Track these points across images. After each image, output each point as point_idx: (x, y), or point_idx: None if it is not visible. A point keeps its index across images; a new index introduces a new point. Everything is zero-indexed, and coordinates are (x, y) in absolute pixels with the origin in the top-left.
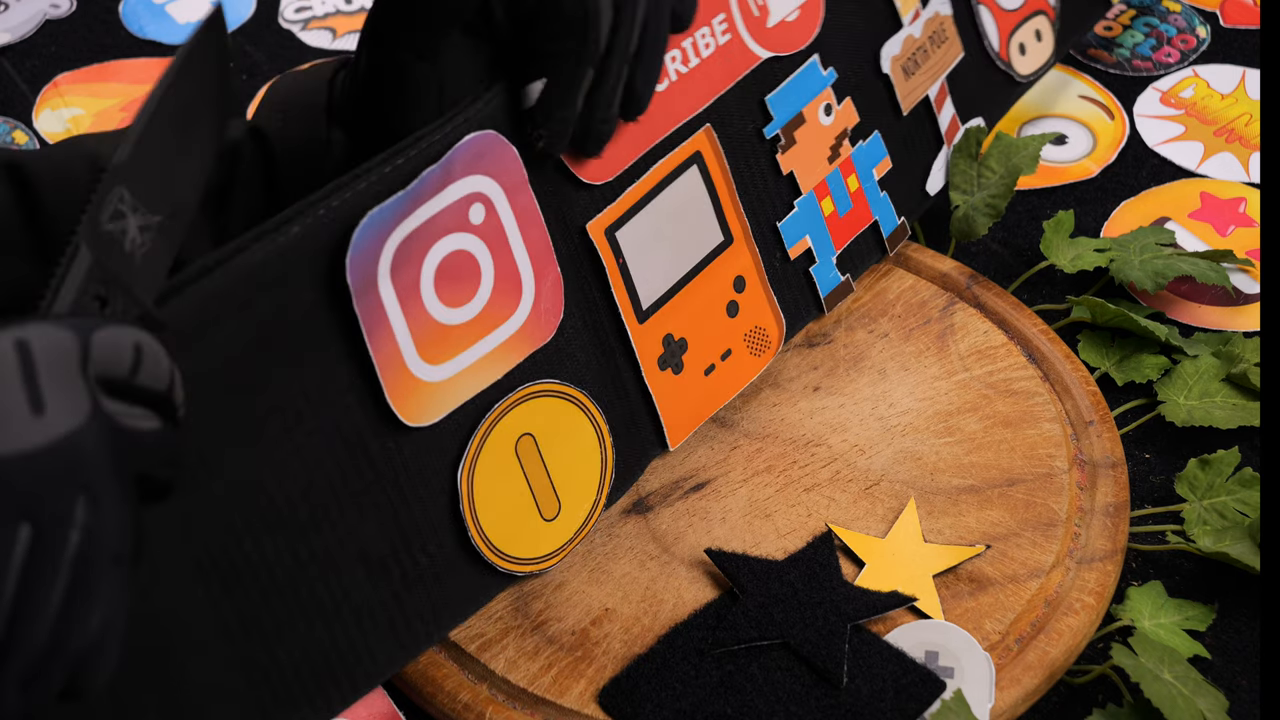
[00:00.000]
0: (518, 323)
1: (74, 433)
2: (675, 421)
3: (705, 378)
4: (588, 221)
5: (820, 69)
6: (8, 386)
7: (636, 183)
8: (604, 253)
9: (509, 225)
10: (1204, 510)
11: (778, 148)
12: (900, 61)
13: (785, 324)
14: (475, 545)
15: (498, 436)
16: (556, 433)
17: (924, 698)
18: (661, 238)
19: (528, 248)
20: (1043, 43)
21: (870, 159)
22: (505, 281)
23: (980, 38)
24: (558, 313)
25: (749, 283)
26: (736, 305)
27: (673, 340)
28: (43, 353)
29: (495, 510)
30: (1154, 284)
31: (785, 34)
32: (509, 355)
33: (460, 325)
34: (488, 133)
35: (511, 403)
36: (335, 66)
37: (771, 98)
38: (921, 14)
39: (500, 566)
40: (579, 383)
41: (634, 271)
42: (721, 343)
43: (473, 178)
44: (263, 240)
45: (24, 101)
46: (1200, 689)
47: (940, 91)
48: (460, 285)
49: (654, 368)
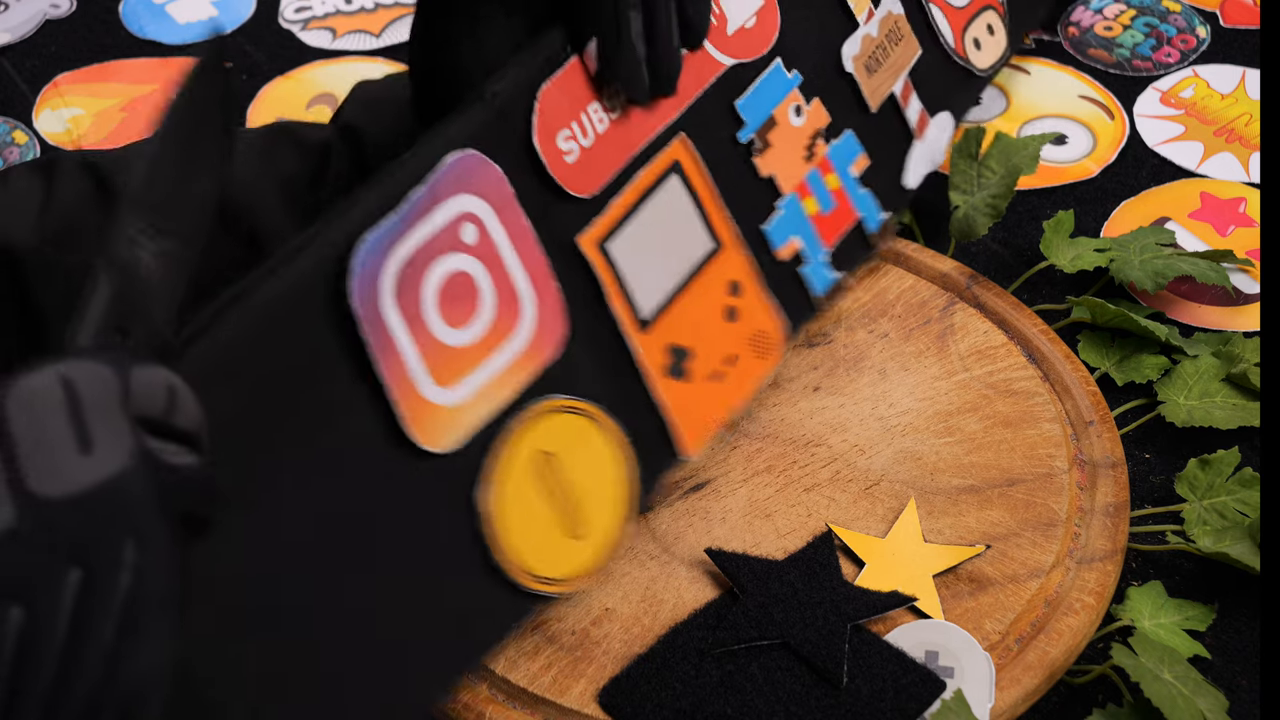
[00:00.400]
0: (523, 340)
1: (122, 474)
2: (690, 430)
3: (714, 384)
4: (577, 235)
5: (785, 72)
6: (56, 424)
7: (621, 195)
8: (599, 266)
9: (502, 243)
10: (1204, 510)
11: (753, 151)
12: (862, 60)
13: (786, 325)
14: (503, 569)
15: (517, 456)
16: (575, 449)
17: (924, 698)
18: (652, 248)
19: (524, 264)
20: (996, 36)
21: (846, 156)
22: (505, 299)
23: (936, 35)
24: (560, 328)
25: (744, 287)
26: (735, 310)
27: (676, 349)
28: (88, 389)
29: (521, 531)
30: (1154, 284)
31: (746, 40)
32: (519, 374)
33: (467, 346)
34: (469, 153)
35: (526, 421)
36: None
37: (741, 102)
38: (875, 14)
39: (530, 588)
40: (592, 397)
41: (630, 283)
42: (725, 348)
43: (460, 197)
44: (267, 279)
45: (24, 101)
46: (1200, 689)
47: (905, 88)
48: (462, 305)
49: (661, 377)
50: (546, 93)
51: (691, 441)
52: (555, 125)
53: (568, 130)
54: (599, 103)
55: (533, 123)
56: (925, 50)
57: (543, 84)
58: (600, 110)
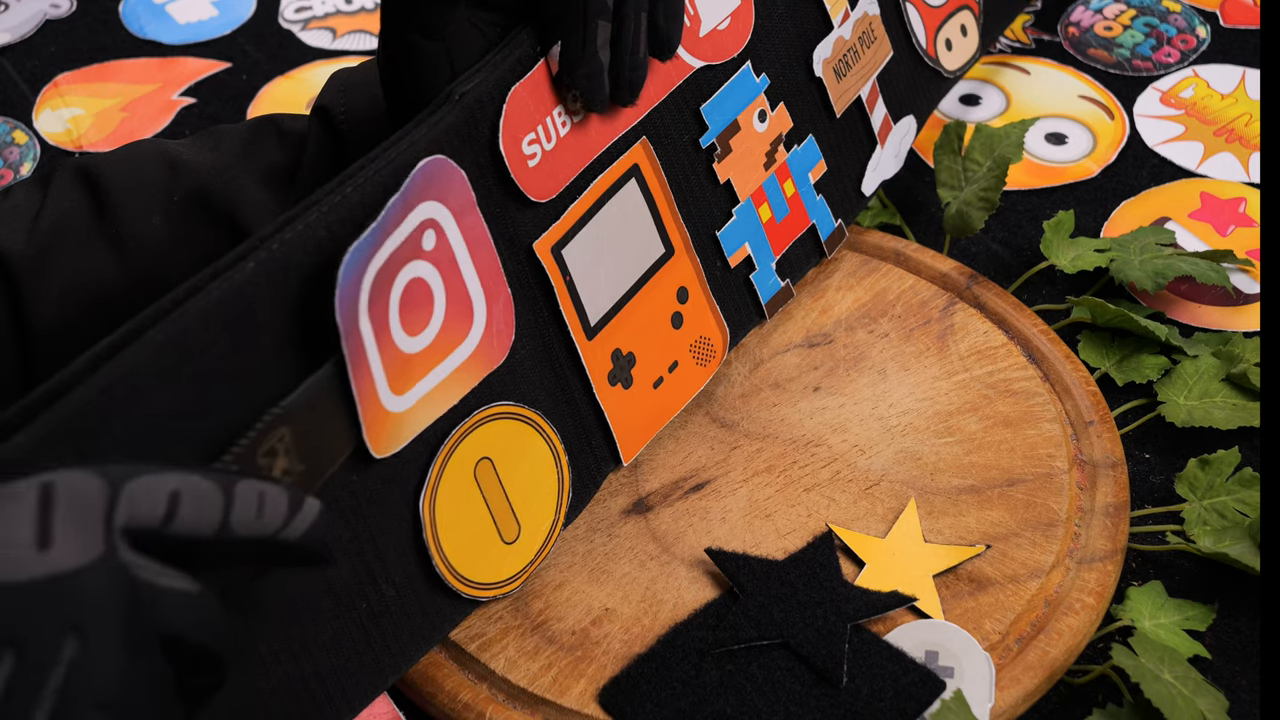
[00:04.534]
0: (471, 346)
1: (76, 571)
2: (628, 436)
3: (654, 390)
4: (533, 240)
5: (753, 76)
6: (18, 521)
7: (578, 199)
8: (551, 271)
9: (458, 249)
10: (1204, 510)
11: (714, 156)
12: (832, 64)
13: (729, 332)
14: (439, 573)
15: (456, 462)
16: (513, 455)
17: (924, 698)
18: (605, 253)
19: (477, 270)
20: (968, 37)
21: (805, 163)
22: (457, 305)
23: (909, 36)
24: (509, 334)
25: (691, 293)
26: (681, 316)
27: (621, 355)
28: (65, 494)
29: (457, 536)
30: (1154, 284)
31: (717, 42)
32: (464, 379)
33: (419, 353)
34: (437, 158)
35: (468, 427)
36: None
37: (706, 107)
38: (851, 15)
39: (464, 593)
40: (532, 403)
41: (581, 288)
42: (668, 355)
43: (426, 204)
44: (219, 279)
45: (24, 101)
46: (1200, 689)
47: (871, 92)
48: (418, 312)
49: (604, 383)
50: (515, 95)
51: (626, 448)
52: (522, 129)
53: (533, 134)
54: (563, 106)
55: (499, 126)
56: (896, 51)
57: (512, 86)
58: (563, 113)
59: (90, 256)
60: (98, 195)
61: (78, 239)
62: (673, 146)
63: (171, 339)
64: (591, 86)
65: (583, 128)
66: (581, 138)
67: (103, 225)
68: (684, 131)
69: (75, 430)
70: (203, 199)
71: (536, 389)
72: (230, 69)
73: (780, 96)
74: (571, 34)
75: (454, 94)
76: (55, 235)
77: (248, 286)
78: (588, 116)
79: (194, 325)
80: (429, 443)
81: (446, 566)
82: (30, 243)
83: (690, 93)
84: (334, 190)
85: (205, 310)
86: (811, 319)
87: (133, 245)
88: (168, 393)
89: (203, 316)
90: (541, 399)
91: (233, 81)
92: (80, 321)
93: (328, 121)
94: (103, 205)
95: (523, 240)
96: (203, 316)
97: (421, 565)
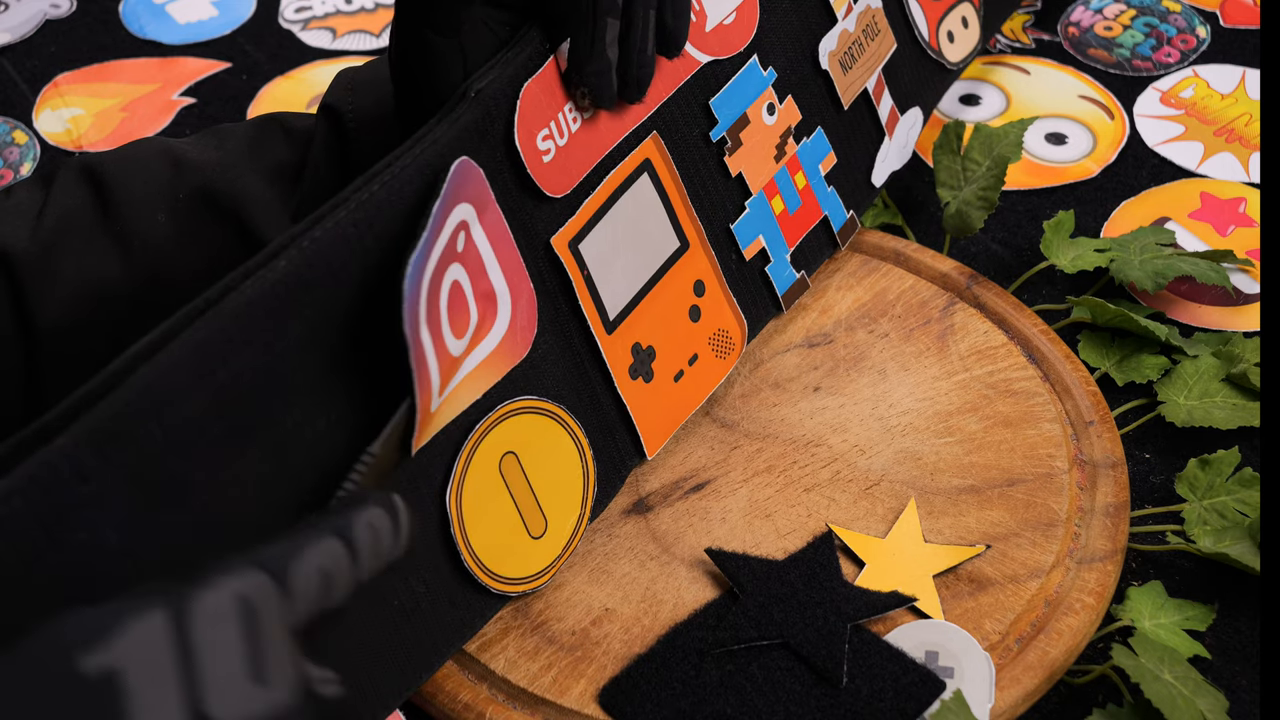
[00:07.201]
0: (495, 341)
1: (288, 709)
2: (651, 429)
3: (675, 384)
4: (550, 236)
5: (760, 69)
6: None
7: (593, 194)
8: (569, 266)
9: (482, 245)
10: (1204, 510)
11: (725, 150)
12: (837, 56)
13: (746, 325)
14: (469, 569)
15: (481, 457)
16: (538, 449)
17: (924, 698)
18: (621, 247)
19: (501, 265)
20: (969, 29)
21: (815, 155)
22: (485, 302)
23: (911, 28)
24: (532, 329)
25: (708, 286)
26: (698, 310)
27: (641, 349)
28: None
29: (485, 532)
30: (1154, 284)
31: (723, 37)
32: (488, 374)
33: (461, 355)
34: (464, 160)
35: (492, 421)
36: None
37: (715, 101)
38: (854, 8)
39: (494, 588)
40: (555, 397)
41: (598, 283)
42: (688, 348)
43: (460, 206)
44: (252, 278)
45: (24, 101)
46: (1200, 689)
47: (878, 84)
48: (463, 315)
49: (625, 377)
50: (528, 91)
51: (650, 441)
52: (536, 125)
53: (546, 130)
54: (573, 102)
55: (514, 122)
56: (900, 44)
57: (525, 82)
58: (574, 109)
59: (94, 254)
60: (102, 193)
61: (82, 236)
62: (684, 141)
63: (208, 338)
64: (600, 84)
65: (593, 124)
66: (593, 133)
67: (107, 223)
68: (694, 126)
69: (115, 432)
70: (208, 196)
71: (559, 384)
72: (230, 69)
73: (788, 89)
74: (580, 32)
75: (470, 91)
76: (59, 233)
77: (280, 285)
78: (598, 113)
79: (229, 325)
80: (453, 438)
81: (475, 562)
82: (34, 240)
83: (699, 88)
84: (361, 188)
85: (239, 310)
86: (811, 319)
87: (137, 243)
88: (205, 393)
89: (237, 316)
90: (565, 393)
91: (233, 81)
92: (85, 319)
93: (334, 120)
94: (107, 203)
95: (540, 236)
96: (237, 316)
97: (450, 561)
